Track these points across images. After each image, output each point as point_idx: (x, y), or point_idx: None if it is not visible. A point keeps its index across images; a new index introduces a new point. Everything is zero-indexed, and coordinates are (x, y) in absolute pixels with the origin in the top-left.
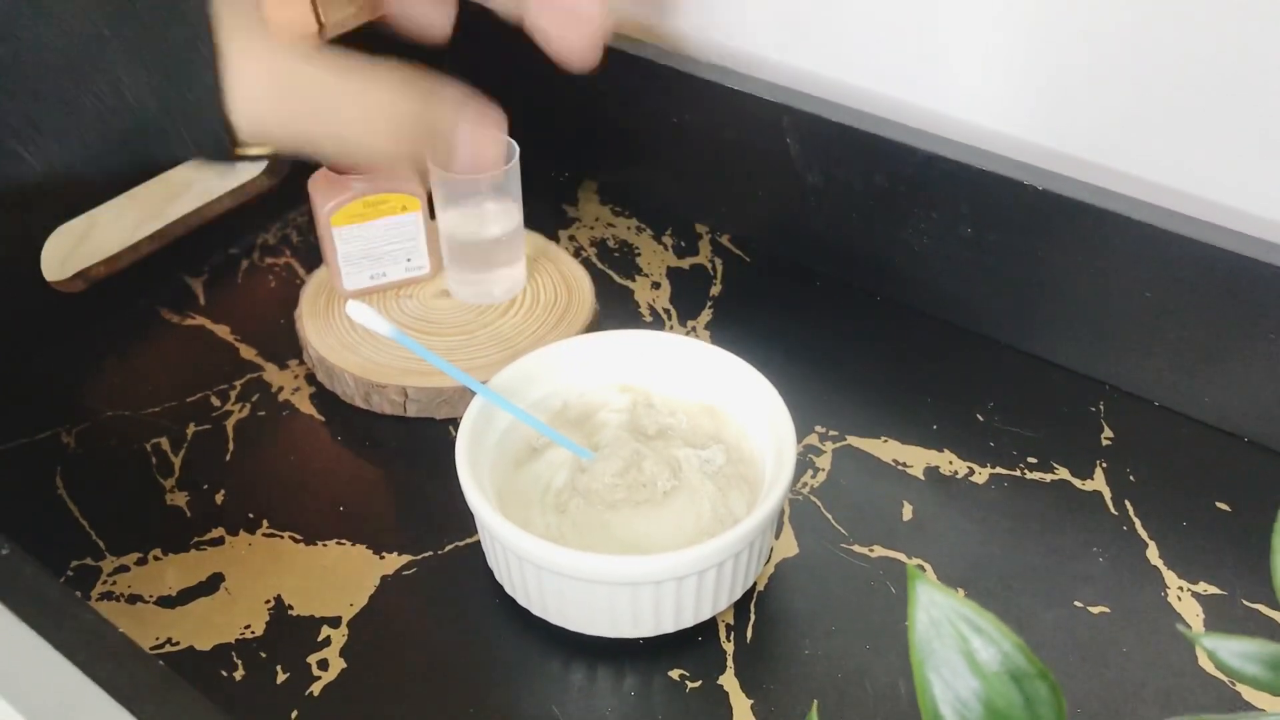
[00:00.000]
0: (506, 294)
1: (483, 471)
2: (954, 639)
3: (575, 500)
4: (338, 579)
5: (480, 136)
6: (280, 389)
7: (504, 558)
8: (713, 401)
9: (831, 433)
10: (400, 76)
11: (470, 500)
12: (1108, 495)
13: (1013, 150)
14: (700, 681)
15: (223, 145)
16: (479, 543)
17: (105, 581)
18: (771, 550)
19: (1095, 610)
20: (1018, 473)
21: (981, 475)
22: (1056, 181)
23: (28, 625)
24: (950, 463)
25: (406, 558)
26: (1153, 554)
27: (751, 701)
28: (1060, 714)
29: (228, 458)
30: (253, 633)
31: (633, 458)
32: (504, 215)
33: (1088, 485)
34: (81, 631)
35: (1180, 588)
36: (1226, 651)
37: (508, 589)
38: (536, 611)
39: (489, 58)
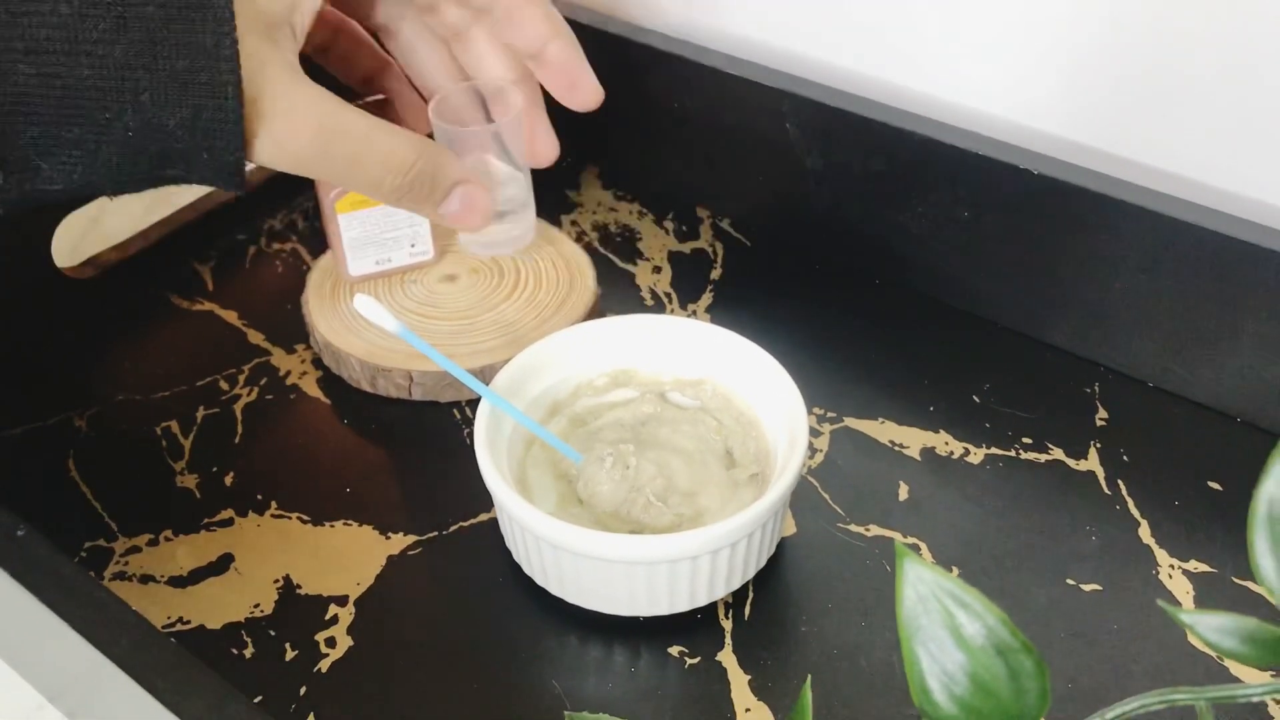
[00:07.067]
0: (514, 246)
1: (501, 452)
2: (940, 614)
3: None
4: (345, 559)
5: (475, 195)
6: (287, 373)
7: (522, 539)
8: (725, 383)
9: (830, 414)
10: (415, 136)
11: (489, 482)
12: (1101, 475)
13: (1009, 134)
14: (699, 658)
15: (239, 179)
16: (484, 523)
17: (118, 562)
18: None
19: (1087, 588)
20: (1013, 453)
21: (977, 455)
22: (1052, 165)
23: (45, 605)
24: (946, 443)
25: (412, 538)
26: (1144, 533)
27: (749, 677)
28: (1044, 686)
29: (236, 440)
30: (262, 611)
31: (622, 460)
32: (509, 173)
33: (1081, 465)
34: (97, 610)
35: (1171, 565)
36: (1205, 626)
37: (525, 569)
38: (554, 590)
39: None
